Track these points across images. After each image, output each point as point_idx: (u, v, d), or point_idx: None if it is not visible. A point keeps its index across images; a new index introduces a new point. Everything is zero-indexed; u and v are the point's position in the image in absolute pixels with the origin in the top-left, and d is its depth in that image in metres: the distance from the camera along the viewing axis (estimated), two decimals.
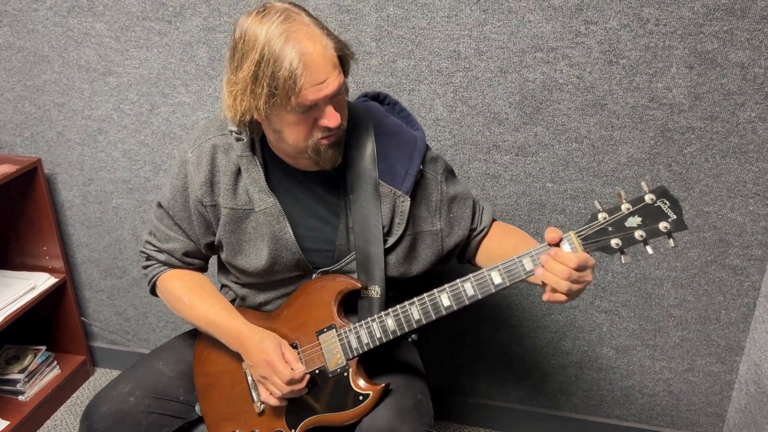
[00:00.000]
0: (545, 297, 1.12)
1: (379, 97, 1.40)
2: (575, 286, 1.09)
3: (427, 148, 1.34)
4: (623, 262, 1.13)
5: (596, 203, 1.14)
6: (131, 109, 1.92)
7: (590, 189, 1.68)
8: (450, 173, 1.39)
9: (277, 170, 1.29)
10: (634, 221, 1.11)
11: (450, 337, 1.97)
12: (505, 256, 1.16)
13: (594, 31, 1.52)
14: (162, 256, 1.38)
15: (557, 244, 1.12)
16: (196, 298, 1.35)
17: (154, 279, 1.40)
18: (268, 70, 1.09)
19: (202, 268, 1.43)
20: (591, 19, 1.51)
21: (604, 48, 1.53)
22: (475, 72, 1.62)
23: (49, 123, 2.01)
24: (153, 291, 1.43)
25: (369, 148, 1.29)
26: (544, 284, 1.12)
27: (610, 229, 1.12)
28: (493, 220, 1.42)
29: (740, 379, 1.79)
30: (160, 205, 1.36)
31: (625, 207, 1.11)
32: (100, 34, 1.84)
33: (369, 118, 1.31)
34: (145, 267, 1.42)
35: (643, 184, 1.11)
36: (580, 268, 1.09)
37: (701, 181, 1.61)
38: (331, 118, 1.14)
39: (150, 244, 1.40)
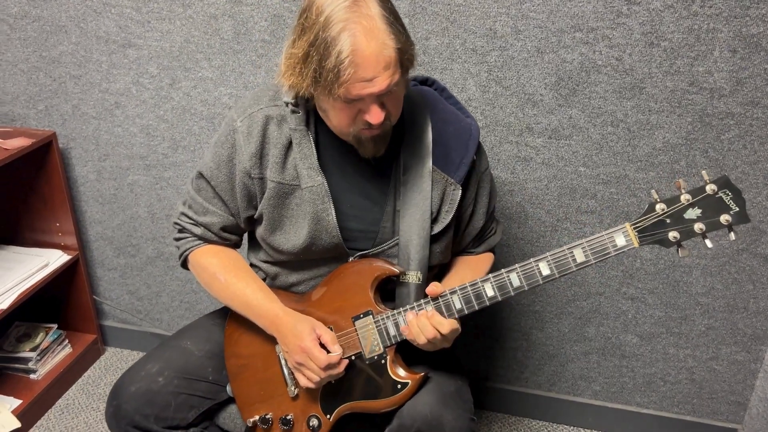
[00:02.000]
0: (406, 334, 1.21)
1: (427, 82, 1.37)
2: (430, 347, 1.20)
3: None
4: (680, 256, 1.10)
5: (653, 192, 1.10)
6: (151, 83, 1.87)
7: (623, 174, 1.66)
8: (491, 174, 1.38)
9: (330, 146, 1.25)
10: (693, 213, 1.08)
11: (470, 321, 1.95)
12: (450, 283, 1.25)
13: (636, 11, 1.48)
14: (198, 230, 1.34)
15: (436, 299, 1.20)
16: (232, 277, 1.32)
17: (187, 253, 1.36)
18: (317, 56, 1.05)
19: (237, 244, 1.40)
20: None
21: (646, 29, 1.50)
22: (511, 51, 1.59)
23: (65, 96, 1.95)
24: (184, 265, 1.39)
25: (426, 133, 1.26)
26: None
27: (668, 221, 1.09)
28: (490, 251, 1.44)
29: (765, 368, 1.78)
30: (200, 176, 1.32)
31: (684, 198, 1.08)
32: (121, 5, 1.78)
33: (426, 103, 1.29)
34: (178, 239, 1.38)
35: (704, 173, 1.08)
36: (447, 336, 1.18)
37: (737, 167, 1.59)
38: (375, 116, 1.11)
39: (185, 216, 1.36)
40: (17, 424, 1.84)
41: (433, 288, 1.19)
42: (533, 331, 1.93)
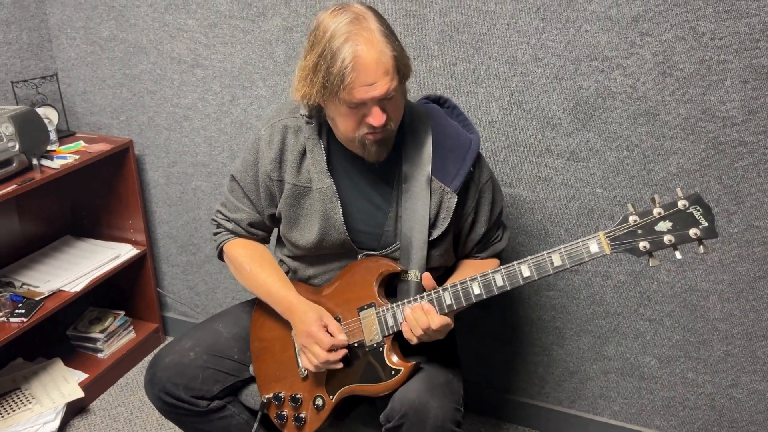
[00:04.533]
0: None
1: (440, 100, 1.51)
2: (426, 338, 1.32)
3: (480, 154, 1.44)
4: (650, 265, 1.18)
5: (629, 205, 1.19)
6: (214, 99, 2.10)
7: (639, 197, 1.72)
8: (495, 186, 1.48)
9: (339, 155, 1.42)
10: (664, 226, 1.16)
11: (492, 333, 2.04)
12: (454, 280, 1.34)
13: (649, 42, 1.57)
14: (230, 225, 1.54)
15: (429, 294, 1.33)
16: (257, 267, 1.50)
17: (222, 245, 1.56)
18: (325, 65, 1.22)
19: (265, 240, 1.58)
20: (646, 30, 1.56)
21: (659, 59, 1.57)
22: (531, 77, 1.70)
23: (142, 108, 2.22)
24: (220, 256, 1.59)
25: (426, 146, 1.40)
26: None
27: (639, 231, 1.17)
28: (496, 256, 1.54)
29: None
30: (233, 178, 1.52)
31: (656, 211, 1.16)
32: (192, 30, 2.03)
33: (429, 119, 1.42)
34: (215, 234, 1.58)
35: (678, 190, 1.16)
36: (439, 330, 1.29)
37: (752, 195, 1.62)
38: (376, 118, 1.26)
39: (221, 213, 1.56)
40: (81, 394, 2.08)
41: (428, 280, 1.32)
42: (554, 347, 1.99)
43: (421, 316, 1.30)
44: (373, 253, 1.43)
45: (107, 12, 2.13)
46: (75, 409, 2.14)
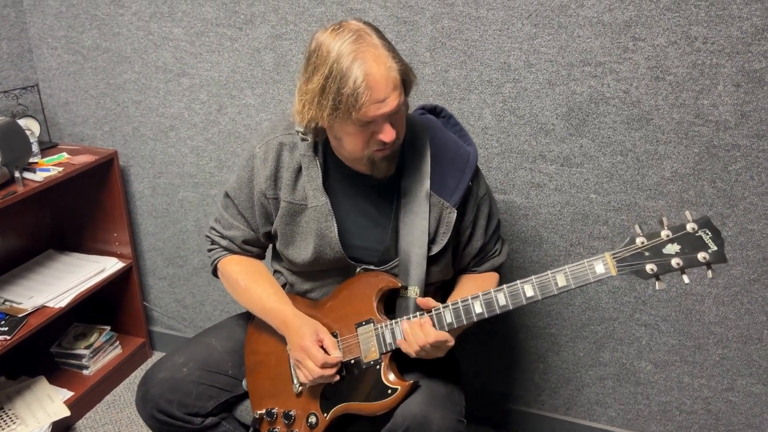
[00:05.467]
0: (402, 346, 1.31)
1: (435, 110, 1.49)
2: (423, 354, 1.29)
3: (477, 167, 1.42)
4: (657, 288, 1.16)
5: (636, 227, 1.17)
6: (201, 108, 2.07)
7: (633, 202, 1.72)
8: (491, 199, 1.47)
9: (335, 171, 1.39)
10: (672, 248, 1.14)
11: (488, 342, 2.02)
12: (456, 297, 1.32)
13: (642, 47, 1.57)
14: (224, 242, 1.50)
15: (429, 311, 1.31)
16: (252, 282, 1.46)
17: (216, 262, 1.53)
18: (335, 86, 1.18)
19: (260, 256, 1.55)
20: (639, 35, 1.56)
21: (651, 64, 1.57)
22: (524, 83, 1.69)
23: (127, 119, 2.18)
24: (215, 273, 1.56)
25: (425, 159, 1.38)
26: None
27: (647, 254, 1.15)
28: (495, 270, 1.52)
29: None
30: (227, 195, 1.49)
31: (665, 234, 1.14)
32: (178, 38, 2.00)
33: (427, 131, 1.40)
34: (210, 250, 1.55)
35: (687, 213, 1.14)
36: (437, 345, 1.27)
37: (746, 198, 1.63)
38: (387, 134, 1.23)
39: (215, 230, 1.53)
40: (67, 413, 2.02)
41: (425, 301, 1.31)
42: (549, 354, 1.98)
43: (417, 331, 1.28)
44: (372, 268, 1.40)
45: (90, 21, 2.08)
46: (61, 429, 2.08)
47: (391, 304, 1.39)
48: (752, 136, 1.57)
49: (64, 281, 2.12)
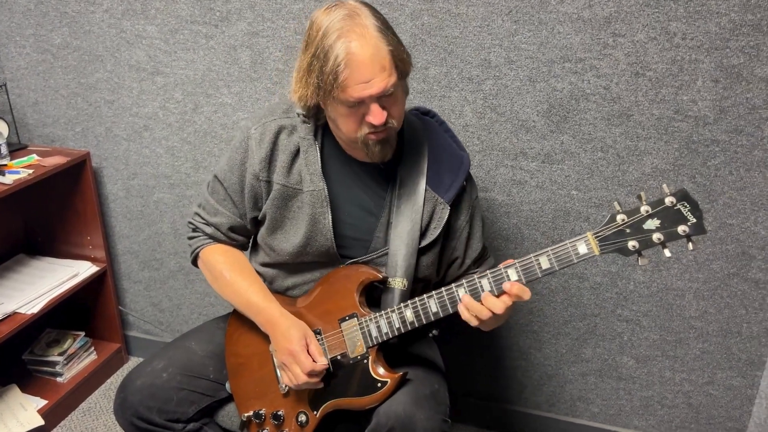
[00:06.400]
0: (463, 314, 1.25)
1: (429, 114, 1.48)
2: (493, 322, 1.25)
3: (470, 173, 1.42)
4: (640, 264, 1.16)
5: (616, 204, 1.17)
6: (176, 107, 2.02)
7: (614, 198, 1.72)
8: (479, 206, 1.48)
9: (334, 157, 1.37)
10: (652, 224, 1.14)
11: (470, 340, 2.01)
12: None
13: (622, 43, 1.57)
14: (209, 229, 1.47)
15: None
16: (237, 275, 1.43)
17: (198, 250, 1.49)
18: (318, 64, 1.18)
19: (244, 246, 1.51)
20: (619, 31, 1.56)
21: (631, 60, 1.58)
22: (505, 80, 1.68)
23: (99, 119, 2.12)
24: (195, 262, 1.52)
25: (423, 155, 1.37)
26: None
27: (627, 230, 1.15)
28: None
29: (761, 394, 1.79)
30: (216, 178, 1.44)
31: (644, 209, 1.14)
32: (151, 36, 1.95)
33: (426, 129, 1.40)
34: (191, 238, 1.51)
35: (664, 186, 1.14)
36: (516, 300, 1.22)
37: (725, 193, 1.64)
38: (376, 116, 1.21)
39: (198, 216, 1.49)
40: (41, 422, 1.97)
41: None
42: (531, 350, 1.98)
43: (479, 307, 1.23)
44: (357, 260, 1.38)
45: (59, 18, 2.03)
46: None
47: (371, 295, 1.38)
48: (731, 131, 1.58)
49: (35, 286, 2.06)
